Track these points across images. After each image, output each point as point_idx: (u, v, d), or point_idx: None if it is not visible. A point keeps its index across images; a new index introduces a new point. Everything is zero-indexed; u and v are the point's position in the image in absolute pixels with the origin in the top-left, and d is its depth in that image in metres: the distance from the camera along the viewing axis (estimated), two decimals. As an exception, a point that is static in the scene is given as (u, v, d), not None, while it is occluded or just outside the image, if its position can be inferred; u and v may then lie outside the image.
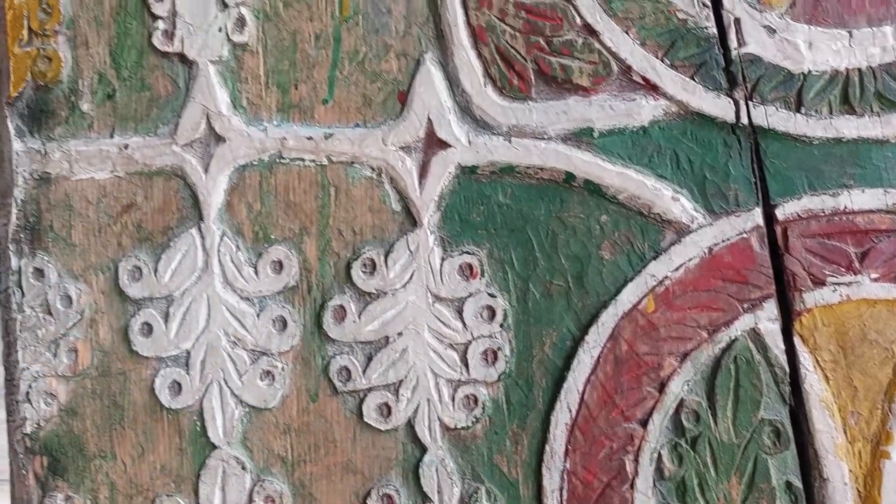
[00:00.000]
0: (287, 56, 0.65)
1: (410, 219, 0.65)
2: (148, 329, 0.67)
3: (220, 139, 0.65)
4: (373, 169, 0.65)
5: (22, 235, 0.66)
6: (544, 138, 0.65)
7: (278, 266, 0.66)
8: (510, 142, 0.65)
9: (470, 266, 0.65)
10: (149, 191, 0.66)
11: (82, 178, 0.66)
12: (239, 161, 0.66)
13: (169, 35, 0.65)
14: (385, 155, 0.64)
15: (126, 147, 0.65)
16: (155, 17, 0.65)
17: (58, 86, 0.66)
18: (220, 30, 0.65)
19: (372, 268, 0.66)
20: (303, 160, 0.65)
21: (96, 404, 0.68)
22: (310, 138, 0.64)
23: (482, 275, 0.66)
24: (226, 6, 0.65)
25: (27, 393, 0.67)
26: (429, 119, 0.64)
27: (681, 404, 0.65)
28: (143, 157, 0.66)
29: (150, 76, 0.66)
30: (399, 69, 0.65)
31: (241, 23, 0.65)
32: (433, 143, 0.65)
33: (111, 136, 0.65)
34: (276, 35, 0.66)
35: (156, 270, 0.66)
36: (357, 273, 0.66)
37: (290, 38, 0.66)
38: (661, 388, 0.65)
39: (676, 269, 0.65)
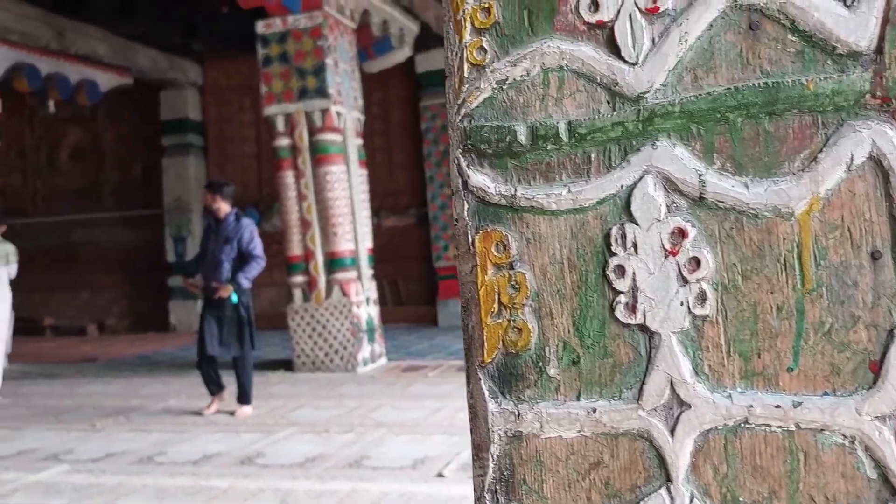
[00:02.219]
0: (748, 326, 0.66)
1: (888, 486, 0.63)
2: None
3: (684, 405, 0.67)
4: (845, 437, 0.64)
5: (497, 487, 0.71)
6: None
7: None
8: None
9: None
10: (615, 450, 0.69)
11: (551, 437, 0.70)
12: (704, 426, 0.67)
13: (631, 308, 0.68)
14: (859, 424, 0.63)
15: (594, 411, 0.68)
16: (616, 292, 0.69)
17: (526, 352, 0.71)
18: (681, 304, 0.67)
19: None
20: (769, 426, 0.65)
21: None
22: (777, 406, 0.65)
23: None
24: (686, 282, 0.67)
25: None
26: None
27: None
28: (610, 420, 0.69)
29: (612, 344, 0.69)
30: (869, 339, 0.64)
31: (701, 297, 0.67)
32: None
33: (578, 399, 0.69)
34: (735, 306, 0.67)
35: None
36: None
37: (750, 309, 0.66)
38: None
39: None
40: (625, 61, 0.67)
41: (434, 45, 10.65)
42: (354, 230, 7.56)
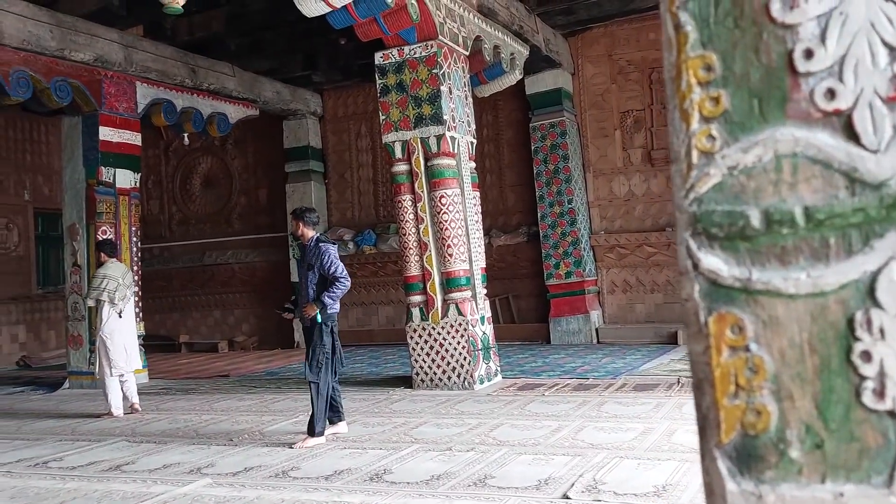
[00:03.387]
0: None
1: None
2: None
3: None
4: None
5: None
6: None
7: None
8: None
9: None
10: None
11: (796, 520, 0.69)
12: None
13: (879, 394, 0.67)
14: None
15: (841, 495, 0.67)
16: (862, 378, 0.68)
17: (765, 434, 0.70)
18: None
19: None
20: None
21: None
22: None
23: None
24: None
25: None
26: None
27: None
28: (862, 505, 0.68)
29: (859, 429, 0.68)
30: None
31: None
32: None
33: (822, 483, 0.68)
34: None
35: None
36: None
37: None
38: None
39: None
40: (865, 148, 0.66)
41: (543, 68, 10.65)
42: (468, 250, 7.62)
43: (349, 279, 5.37)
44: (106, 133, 9.34)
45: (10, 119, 12.81)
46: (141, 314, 9.80)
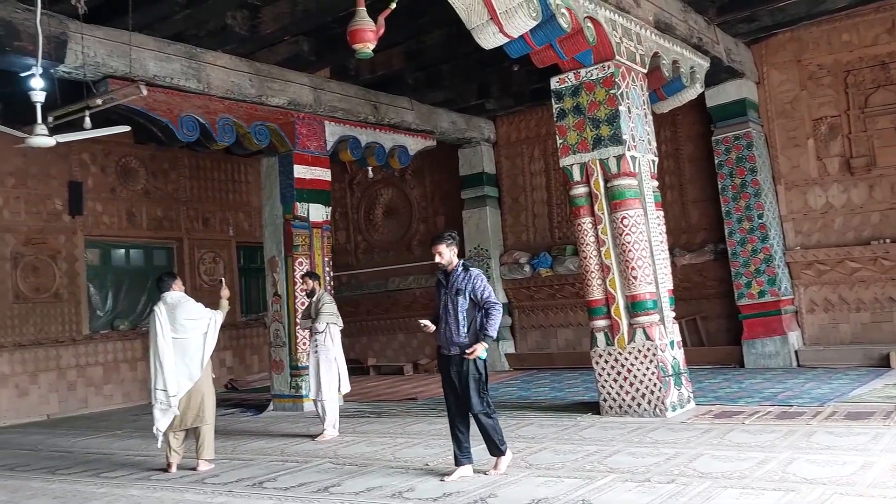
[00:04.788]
0: None
1: None
2: None
3: None
4: None
5: None
6: None
7: None
8: None
9: None
10: None
11: None
12: None
13: None
14: None
15: None
16: None
17: None
18: None
19: None
20: None
21: None
22: None
23: None
24: None
25: None
26: None
27: None
28: None
29: None
30: None
31: None
32: None
33: None
34: None
35: None
36: None
37: None
38: None
39: None
40: None
41: (724, 79, 10.22)
42: (654, 272, 7.40)
43: (500, 303, 5.31)
44: (300, 171, 10.02)
45: (214, 161, 14.05)
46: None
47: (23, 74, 7.61)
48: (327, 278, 10.28)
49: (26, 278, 11.42)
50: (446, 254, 5.25)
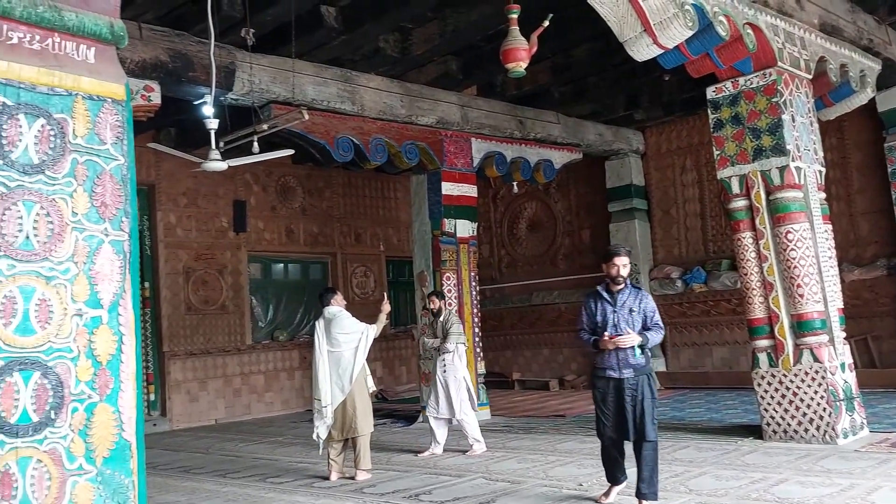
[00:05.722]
0: None
1: None
2: None
3: None
4: None
5: None
6: None
7: None
8: None
9: None
10: None
11: None
12: None
13: None
14: None
15: None
16: None
17: None
18: None
19: None
20: None
21: None
22: None
23: None
24: None
25: None
26: None
27: None
28: None
29: None
30: None
31: None
32: None
33: None
34: None
35: None
36: None
37: None
38: None
39: None
40: None
41: (898, 80, 9.51)
42: (822, 290, 6.96)
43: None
44: (447, 188, 10.21)
45: (365, 179, 14.58)
46: (481, 353, 10.47)
47: (196, 102, 8.27)
48: (473, 293, 10.40)
49: (196, 291, 12.28)
50: (629, 267, 4.98)
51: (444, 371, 7.69)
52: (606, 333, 4.78)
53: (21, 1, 2.59)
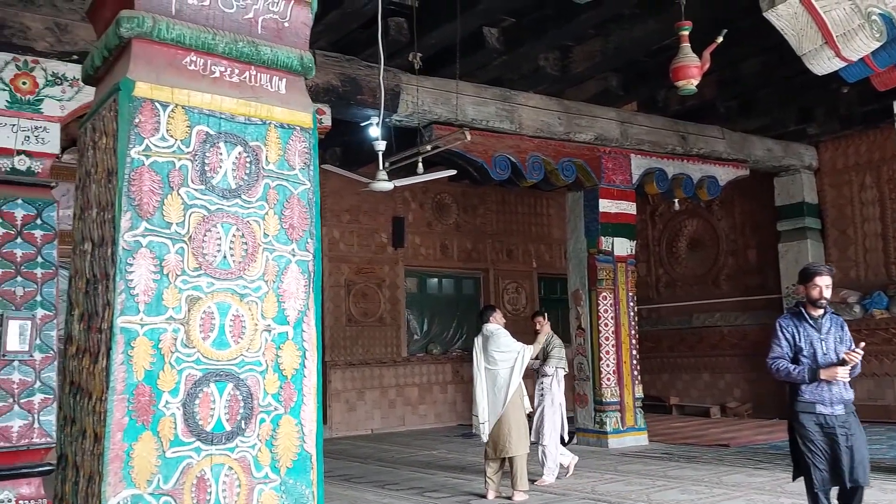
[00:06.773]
0: None
1: None
2: None
3: None
4: None
5: None
6: None
7: None
8: None
9: None
10: None
11: None
12: None
13: None
14: None
15: None
16: None
17: None
18: None
19: None
20: None
21: None
22: None
23: None
24: None
25: None
26: None
27: None
28: None
29: None
30: None
31: None
32: None
33: None
34: None
35: None
36: None
37: None
38: None
39: None
40: None
41: None
42: None
43: None
44: (605, 205, 10.02)
45: (518, 196, 14.59)
46: (639, 376, 10.16)
47: (363, 124, 8.60)
48: (631, 314, 10.13)
49: (357, 304, 12.73)
50: (831, 289, 4.45)
51: (542, 395, 7.46)
52: (832, 368, 4.31)
53: (223, 38, 2.77)
